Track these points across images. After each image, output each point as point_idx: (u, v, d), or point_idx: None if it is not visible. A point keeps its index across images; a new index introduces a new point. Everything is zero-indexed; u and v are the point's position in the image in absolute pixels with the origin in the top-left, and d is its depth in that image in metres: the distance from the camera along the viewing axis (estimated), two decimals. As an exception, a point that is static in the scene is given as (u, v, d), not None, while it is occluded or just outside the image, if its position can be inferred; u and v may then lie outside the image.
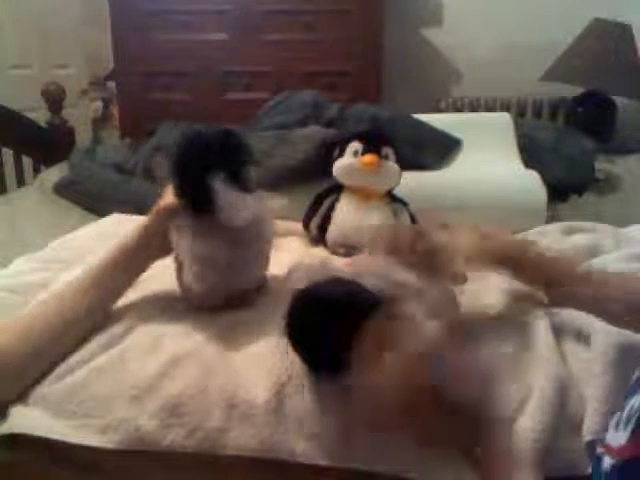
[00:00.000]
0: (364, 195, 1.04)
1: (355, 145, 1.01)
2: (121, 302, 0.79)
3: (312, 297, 0.61)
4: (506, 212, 1.27)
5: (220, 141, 0.75)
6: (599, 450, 0.56)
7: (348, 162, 1.01)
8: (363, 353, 0.58)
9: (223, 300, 0.79)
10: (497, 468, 0.60)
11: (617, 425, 0.55)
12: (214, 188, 0.72)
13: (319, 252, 1.05)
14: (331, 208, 1.05)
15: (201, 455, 0.64)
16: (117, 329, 0.75)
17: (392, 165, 1.01)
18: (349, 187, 1.05)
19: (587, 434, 0.62)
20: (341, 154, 1.03)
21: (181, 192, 0.74)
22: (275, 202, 0.83)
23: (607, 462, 0.53)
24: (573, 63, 2.25)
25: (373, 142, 1.01)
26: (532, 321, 0.76)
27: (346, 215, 1.03)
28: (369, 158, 0.98)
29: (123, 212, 1.29)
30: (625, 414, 0.53)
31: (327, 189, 1.08)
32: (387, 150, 1.01)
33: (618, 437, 0.53)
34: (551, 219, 1.26)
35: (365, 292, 0.62)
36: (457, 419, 0.58)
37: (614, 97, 2.29)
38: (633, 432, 0.50)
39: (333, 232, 1.04)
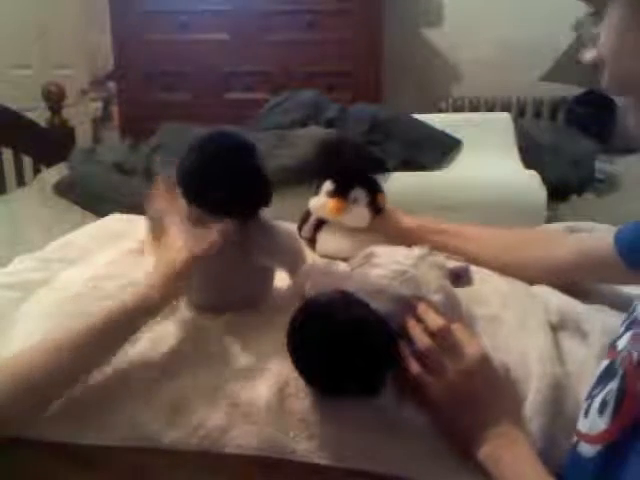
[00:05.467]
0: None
1: (328, 185, 1.01)
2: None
3: (320, 323, 0.61)
4: (506, 212, 1.27)
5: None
6: (573, 439, 0.57)
7: (319, 202, 1.01)
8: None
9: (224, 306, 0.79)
10: None
11: (587, 412, 0.55)
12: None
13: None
14: (319, 226, 1.05)
15: (202, 453, 0.64)
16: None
17: (358, 210, 0.99)
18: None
19: None
20: (317, 191, 1.03)
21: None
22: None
23: (586, 449, 0.54)
24: (573, 63, 2.25)
25: (343, 185, 0.99)
26: (530, 318, 0.76)
27: (330, 240, 1.03)
28: (332, 205, 0.98)
29: (123, 212, 1.29)
30: (599, 400, 0.54)
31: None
32: (357, 193, 0.99)
33: (593, 423, 0.54)
34: (551, 219, 1.26)
35: (373, 319, 0.62)
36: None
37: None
38: (615, 413, 0.51)
39: (321, 251, 1.04)
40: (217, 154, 0.69)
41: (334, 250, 1.01)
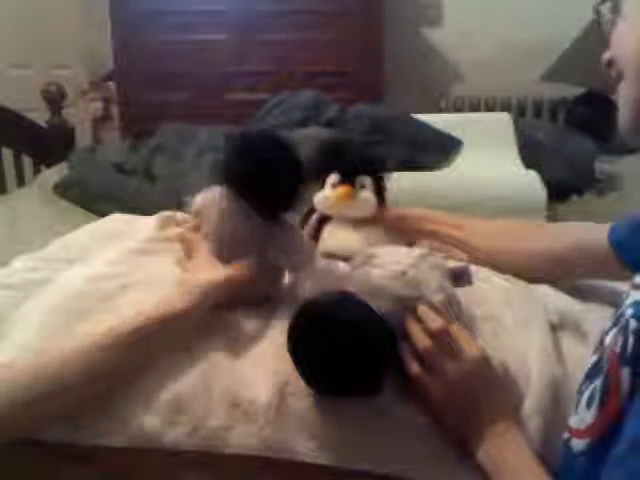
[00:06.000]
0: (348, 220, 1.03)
1: (333, 177, 1.01)
2: (124, 301, 0.79)
3: (321, 324, 0.61)
4: (506, 212, 1.27)
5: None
6: (565, 435, 0.57)
7: (324, 195, 1.02)
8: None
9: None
10: None
11: (576, 408, 0.56)
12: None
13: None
14: (321, 225, 1.05)
15: (203, 453, 0.64)
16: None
17: (366, 196, 0.99)
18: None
19: None
20: (322, 186, 1.03)
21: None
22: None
23: (576, 443, 0.55)
24: (573, 63, 2.25)
25: (349, 173, 1.00)
26: (529, 318, 0.76)
27: (332, 238, 1.03)
28: (340, 190, 0.98)
29: (123, 212, 1.29)
30: (586, 395, 0.54)
31: None
32: (363, 180, 1.00)
33: (582, 418, 0.54)
34: (551, 219, 1.26)
35: (374, 320, 0.62)
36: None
37: (614, 97, 2.29)
38: (600, 407, 0.51)
39: (324, 248, 1.04)
40: (270, 152, 0.73)
41: (337, 247, 1.01)
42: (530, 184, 1.34)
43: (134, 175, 1.55)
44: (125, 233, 1.08)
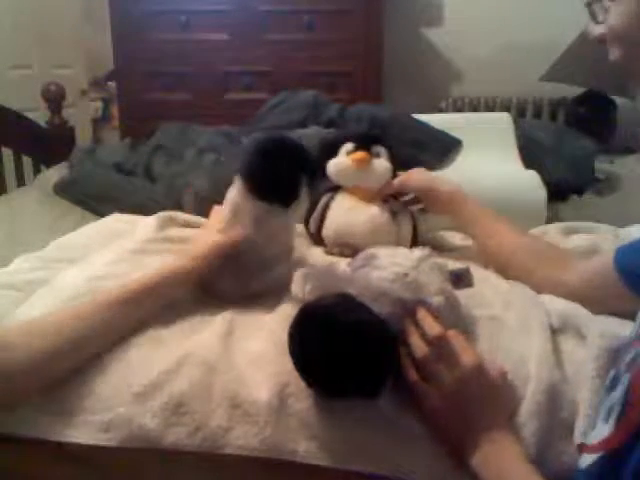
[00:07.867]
0: (359, 194, 1.04)
1: (348, 145, 1.04)
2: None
3: (321, 327, 0.62)
4: (506, 212, 1.26)
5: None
6: (577, 454, 0.57)
7: (339, 160, 1.04)
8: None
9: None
10: None
11: (593, 426, 0.56)
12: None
13: (316, 252, 1.05)
14: (326, 207, 1.06)
15: (203, 454, 0.64)
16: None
17: (382, 162, 1.02)
18: (344, 187, 1.07)
19: (578, 437, 0.62)
20: (335, 155, 1.06)
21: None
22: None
23: (587, 459, 0.54)
24: (573, 63, 2.25)
25: (364, 141, 1.03)
26: (530, 320, 0.76)
27: (338, 214, 1.04)
28: (358, 155, 1.01)
29: (123, 212, 1.29)
30: (604, 410, 0.54)
31: (327, 188, 1.08)
32: (378, 148, 1.03)
33: (597, 432, 0.54)
34: (551, 219, 1.26)
35: (375, 323, 0.63)
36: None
37: (614, 97, 2.29)
38: (618, 421, 0.51)
39: (326, 231, 1.05)
40: (288, 155, 0.82)
41: (343, 222, 1.02)
42: (530, 184, 1.33)
43: (134, 175, 1.55)
44: (125, 233, 1.08)
